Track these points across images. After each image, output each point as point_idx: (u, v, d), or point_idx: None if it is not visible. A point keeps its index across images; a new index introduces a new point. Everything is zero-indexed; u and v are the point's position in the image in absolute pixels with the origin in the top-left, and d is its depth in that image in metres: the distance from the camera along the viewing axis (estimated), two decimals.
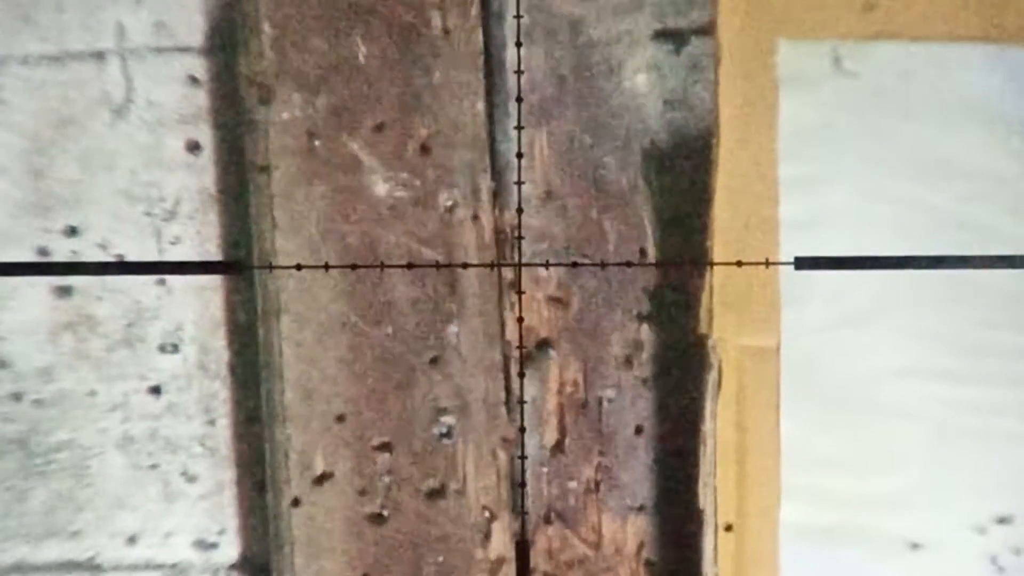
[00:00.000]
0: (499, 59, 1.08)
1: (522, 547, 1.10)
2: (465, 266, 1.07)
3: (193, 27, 1.08)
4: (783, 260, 1.08)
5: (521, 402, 1.09)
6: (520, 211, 1.09)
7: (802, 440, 1.10)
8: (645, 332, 1.10)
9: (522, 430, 1.09)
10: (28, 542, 1.09)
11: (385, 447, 1.08)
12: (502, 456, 1.09)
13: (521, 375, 1.09)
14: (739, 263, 1.07)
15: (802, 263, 1.08)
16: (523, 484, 1.09)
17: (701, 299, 1.08)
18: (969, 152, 1.12)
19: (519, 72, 1.07)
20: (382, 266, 1.07)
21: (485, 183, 1.08)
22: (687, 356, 1.10)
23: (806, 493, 1.11)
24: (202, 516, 1.11)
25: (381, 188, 1.07)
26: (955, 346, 1.12)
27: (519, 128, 1.08)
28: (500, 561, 1.10)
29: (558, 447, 1.10)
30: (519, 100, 1.08)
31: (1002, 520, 1.13)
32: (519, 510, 1.10)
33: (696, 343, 1.09)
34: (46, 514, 1.09)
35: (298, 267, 1.06)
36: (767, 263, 1.08)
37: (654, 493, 1.11)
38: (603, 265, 1.10)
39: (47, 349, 1.08)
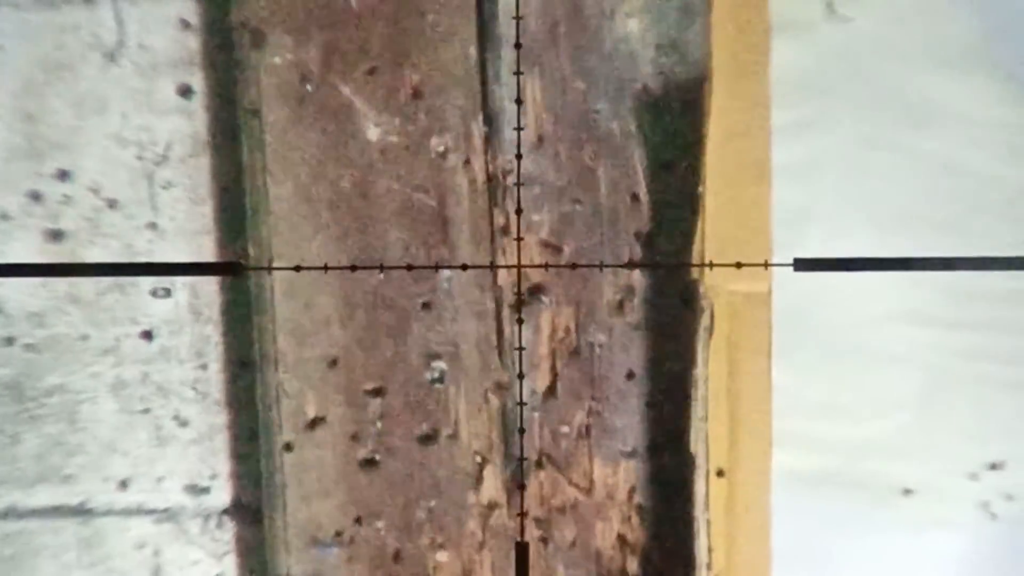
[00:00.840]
0: (492, 3, 1.08)
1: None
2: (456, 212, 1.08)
3: None
4: (781, 262, 1.07)
5: (517, 348, 1.09)
6: (517, 156, 1.09)
7: (794, 386, 1.10)
8: (637, 277, 1.10)
9: (520, 376, 1.09)
10: (19, 487, 1.10)
11: (377, 392, 1.08)
12: (494, 401, 1.09)
13: (516, 321, 1.09)
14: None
15: (801, 264, 1.07)
16: (521, 429, 1.10)
17: (693, 245, 1.08)
18: (963, 98, 1.12)
19: (517, 18, 1.07)
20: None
21: (477, 128, 1.08)
22: (679, 301, 1.10)
23: (798, 439, 1.11)
24: (194, 461, 1.11)
25: (373, 133, 1.07)
26: (948, 292, 1.12)
27: (517, 73, 1.08)
28: (492, 505, 1.10)
29: (550, 392, 1.10)
30: (517, 46, 1.08)
31: (994, 466, 1.13)
32: (511, 455, 1.10)
33: (688, 288, 1.09)
34: (38, 459, 1.09)
35: (291, 212, 1.06)
36: (766, 265, 1.08)
37: (646, 438, 1.11)
38: (595, 210, 1.09)
39: (39, 293, 1.08)
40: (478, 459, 1.09)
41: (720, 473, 1.09)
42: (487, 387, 1.09)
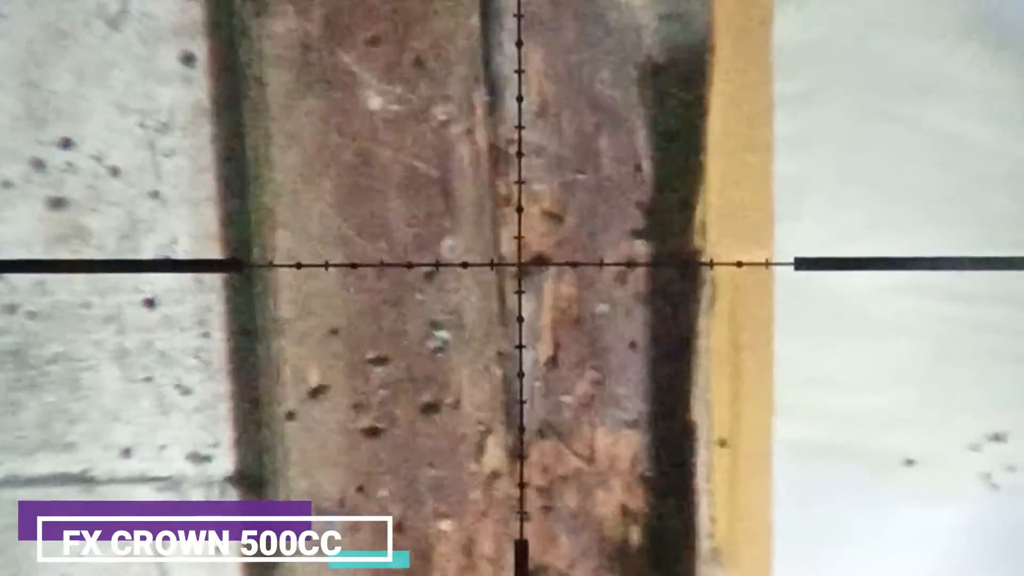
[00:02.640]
0: None
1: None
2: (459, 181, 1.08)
3: None
4: (782, 260, 1.07)
5: (519, 318, 1.09)
6: (519, 127, 1.08)
7: (797, 357, 1.10)
8: (639, 247, 1.10)
9: (522, 345, 1.09)
10: (21, 455, 1.09)
11: (380, 361, 1.08)
12: (496, 371, 1.09)
13: (517, 291, 1.09)
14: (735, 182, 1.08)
15: (802, 264, 1.07)
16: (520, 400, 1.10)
17: (695, 215, 1.08)
18: (966, 69, 1.12)
19: None
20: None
21: (479, 97, 1.08)
22: (681, 271, 1.10)
23: (800, 409, 1.11)
24: (196, 429, 1.11)
25: (375, 102, 1.07)
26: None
27: (518, 43, 1.08)
28: (494, 475, 1.10)
29: (552, 362, 1.10)
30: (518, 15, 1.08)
31: (996, 437, 1.13)
32: (513, 424, 1.10)
33: (690, 258, 1.09)
34: (39, 427, 1.09)
35: (294, 181, 1.06)
36: (767, 263, 1.08)
37: (648, 408, 1.11)
38: (597, 180, 1.09)
39: (42, 260, 1.08)
40: (480, 428, 1.09)
41: (722, 443, 1.09)
42: (489, 357, 1.09)
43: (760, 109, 1.09)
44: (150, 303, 1.09)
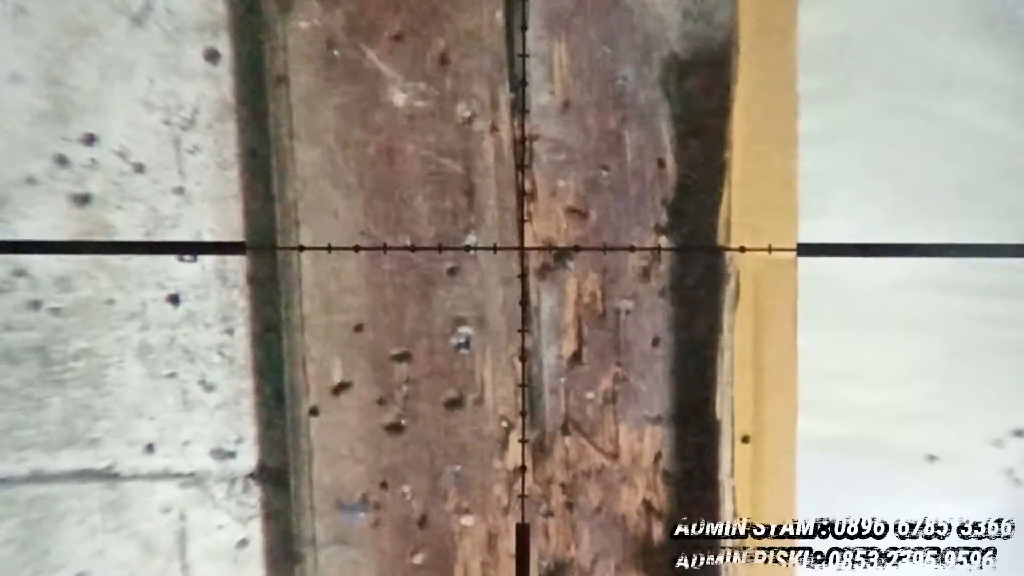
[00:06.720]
0: None
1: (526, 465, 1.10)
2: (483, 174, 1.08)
3: None
4: (788, 247, 1.07)
5: (542, 315, 1.09)
6: (539, 122, 1.08)
7: (820, 353, 1.10)
8: (663, 244, 1.10)
9: (541, 343, 1.09)
10: (45, 451, 1.09)
11: (403, 357, 1.08)
12: (519, 367, 1.09)
13: (540, 287, 1.09)
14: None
15: (804, 250, 1.07)
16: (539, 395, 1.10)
17: (719, 211, 1.08)
18: (988, 66, 1.12)
19: None
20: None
21: (503, 94, 1.08)
22: (705, 268, 1.10)
23: (824, 405, 1.11)
24: (220, 425, 1.11)
25: (399, 98, 1.07)
26: (973, 258, 1.12)
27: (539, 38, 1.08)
28: (518, 471, 1.10)
29: (575, 358, 1.10)
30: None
31: (1019, 433, 1.13)
32: (537, 420, 1.10)
33: (714, 254, 1.09)
34: (64, 423, 1.09)
35: (317, 178, 1.06)
36: (769, 249, 1.08)
37: (671, 404, 1.11)
38: (621, 176, 1.09)
39: (65, 257, 1.08)
40: (504, 424, 1.09)
41: (746, 439, 1.09)
42: (513, 353, 1.09)
43: (784, 105, 1.09)
44: (174, 299, 1.09)
